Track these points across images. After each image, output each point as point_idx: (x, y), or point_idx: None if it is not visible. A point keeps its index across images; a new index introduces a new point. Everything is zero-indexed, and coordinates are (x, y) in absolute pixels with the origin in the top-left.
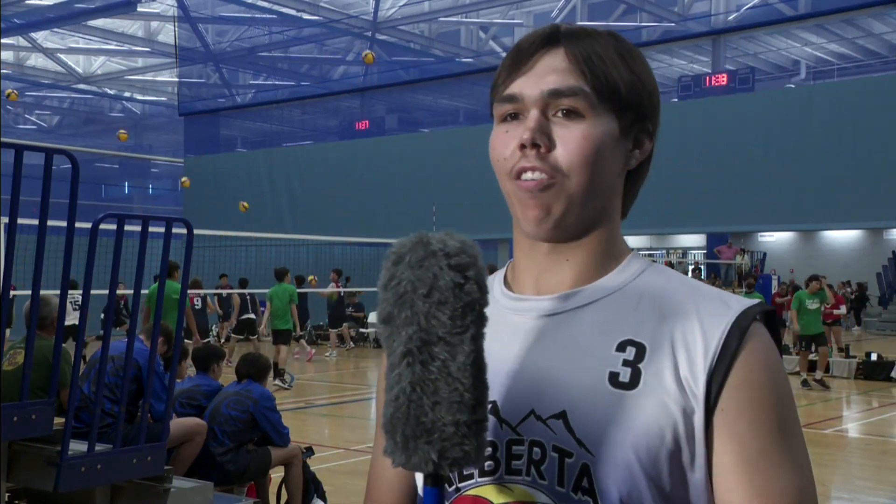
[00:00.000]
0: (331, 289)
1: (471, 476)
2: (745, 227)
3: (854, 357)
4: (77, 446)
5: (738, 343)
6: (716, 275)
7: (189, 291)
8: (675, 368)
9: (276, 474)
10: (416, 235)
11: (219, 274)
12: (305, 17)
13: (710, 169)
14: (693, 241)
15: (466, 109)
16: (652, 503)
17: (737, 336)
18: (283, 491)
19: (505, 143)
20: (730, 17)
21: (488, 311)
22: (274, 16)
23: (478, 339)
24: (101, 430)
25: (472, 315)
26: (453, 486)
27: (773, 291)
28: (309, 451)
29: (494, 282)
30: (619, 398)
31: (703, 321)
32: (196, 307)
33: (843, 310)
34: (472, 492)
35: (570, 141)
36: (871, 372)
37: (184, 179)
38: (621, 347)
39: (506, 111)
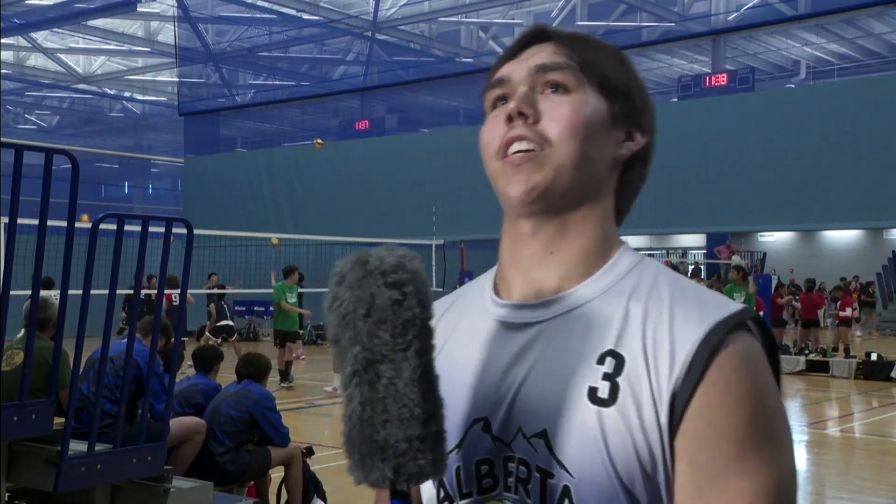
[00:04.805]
0: None
1: (469, 494)
2: (745, 227)
3: (854, 357)
4: (77, 446)
5: (706, 360)
6: (718, 275)
7: (166, 291)
8: (649, 383)
9: (276, 474)
10: (355, 254)
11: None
12: (305, 17)
13: (709, 169)
14: (693, 241)
15: (466, 109)
16: None
17: (706, 351)
18: (283, 491)
19: (492, 126)
20: (730, 17)
21: (476, 318)
22: (274, 16)
23: (423, 352)
24: (100, 430)
25: (414, 330)
26: (453, 503)
27: (773, 293)
28: (309, 451)
29: (486, 286)
30: (597, 415)
31: (673, 331)
32: (174, 303)
33: (848, 312)
34: None
35: (556, 112)
36: (871, 372)
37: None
38: (601, 359)
39: (495, 96)
